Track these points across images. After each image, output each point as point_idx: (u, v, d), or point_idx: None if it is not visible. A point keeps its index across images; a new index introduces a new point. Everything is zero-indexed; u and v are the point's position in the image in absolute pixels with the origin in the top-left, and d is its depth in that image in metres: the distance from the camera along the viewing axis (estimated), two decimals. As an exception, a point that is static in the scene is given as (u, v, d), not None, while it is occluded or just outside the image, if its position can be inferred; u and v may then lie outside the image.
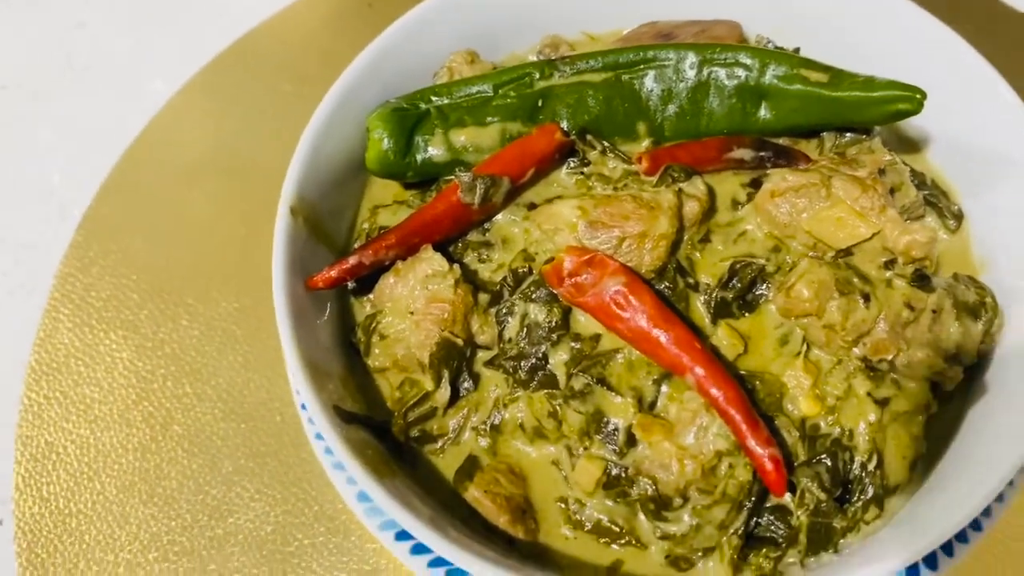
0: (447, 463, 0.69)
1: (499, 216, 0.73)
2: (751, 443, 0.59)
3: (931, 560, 0.76)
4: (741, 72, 0.74)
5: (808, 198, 0.67)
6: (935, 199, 0.74)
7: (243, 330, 1.00)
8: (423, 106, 0.75)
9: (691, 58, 0.75)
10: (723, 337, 0.67)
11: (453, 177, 0.73)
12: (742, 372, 0.66)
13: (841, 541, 0.63)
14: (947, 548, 0.77)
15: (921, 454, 0.66)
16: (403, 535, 0.79)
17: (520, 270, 0.70)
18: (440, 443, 0.69)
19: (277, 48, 1.23)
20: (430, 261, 0.68)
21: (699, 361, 0.61)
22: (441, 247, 0.71)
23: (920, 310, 0.64)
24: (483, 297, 0.70)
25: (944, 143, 0.78)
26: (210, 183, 1.11)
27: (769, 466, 0.58)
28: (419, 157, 0.75)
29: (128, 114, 1.16)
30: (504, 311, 0.69)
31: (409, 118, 0.75)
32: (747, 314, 0.68)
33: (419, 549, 0.79)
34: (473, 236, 0.73)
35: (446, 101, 0.76)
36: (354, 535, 0.88)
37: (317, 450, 0.84)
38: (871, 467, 0.63)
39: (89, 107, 1.21)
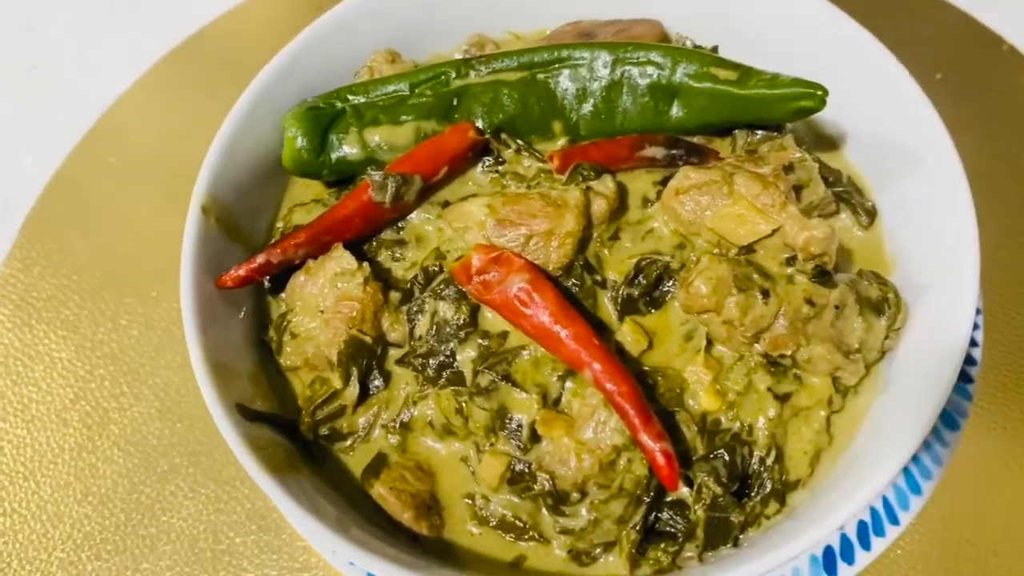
0: (356, 461, 0.69)
1: (413, 215, 0.73)
2: (643, 437, 0.59)
3: (848, 554, 0.77)
4: (653, 71, 0.75)
5: (711, 195, 0.67)
6: (848, 196, 0.75)
7: (181, 331, 0.99)
8: (339, 105, 0.76)
9: (604, 57, 0.75)
10: (628, 333, 0.67)
11: (367, 175, 0.73)
12: (646, 368, 0.66)
13: (741, 536, 0.64)
14: (864, 542, 0.78)
15: (823, 449, 0.66)
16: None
17: (431, 268, 0.70)
18: (350, 441, 0.69)
19: (223, 49, 1.23)
20: (339, 259, 0.69)
21: (596, 357, 0.62)
22: (355, 246, 0.72)
23: (822, 306, 0.65)
24: (394, 295, 0.70)
25: (859, 141, 0.78)
26: (154, 184, 1.11)
27: (661, 460, 0.59)
28: (334, 156, 0.76)
29: (73, 115, 1.17)
30: (415, 309, 0.69)
31: (324, 117, 0.75)
32: (653, 311, 0.69)
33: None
34: (387, 235, 0.73)
35: (362, 100, 0.76)
36: (284, 533, 0.88)
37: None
38: (769, 462, 0.64)
39: (35, 108, 1.22)
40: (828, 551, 0.77)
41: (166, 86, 1.21)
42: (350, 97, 0.76)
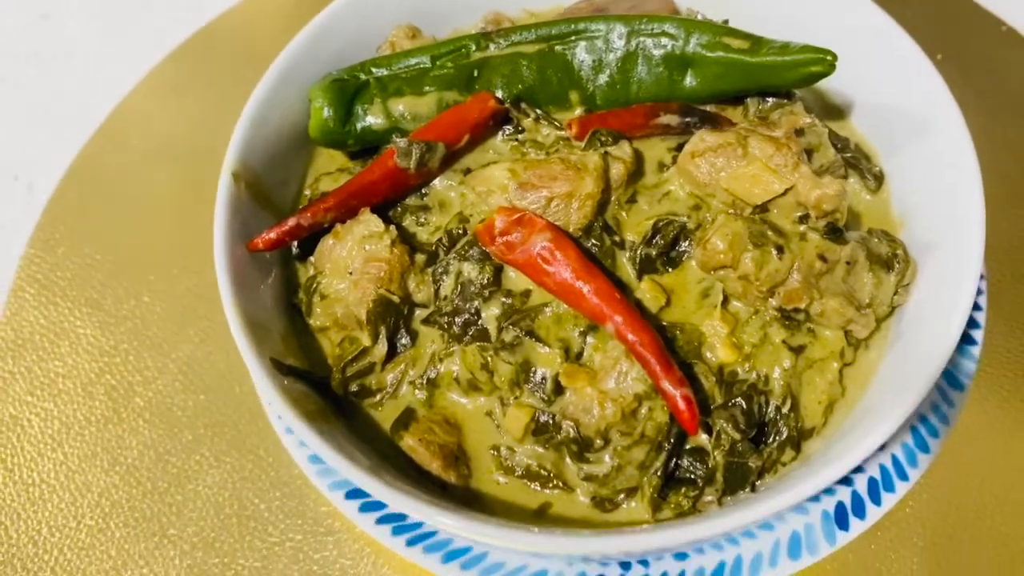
0: (385, 416, 0.72)
1: (436, 181, 0.76)
2: (664, 384, 0.62)
3: (859, 509, 0.80)
4: (667, 42, 0.77)
5: (726, 157, 0.70)
6: (856, 161, 0.78)
7: (203, 306, 1.03)
8: (363, 77, 0.78)
9: (619, 29, 0.78)
10: (646, 291, 0.70)
11: (392, 142, 0.75)
12: (664, 323, 0.69)
13: (758, 482, 0.66)
14: (875, 498, 0.80)
15: (837, 399, 0.69)
16: (352, 494, 0.83)
17: (455, 231, 0.73)
18: (378, 397, 0.72)
19: (240, 36, 1.26)
20: (367, 223, 0.71)
21: (618, 310, 0.64)
22: (380, 211, 0.74)
23: (834, 262, 0.67)
24: (420, 258, 0.73)
25: (865, 109, 0.81)
26: (173, 167, 1.14)
27: (682, 405, 0.61)
28: (359, 125, 0.78)
29: (94, 101, 1.20)
30: (440, 270, 0.72)
31: (349, 88, 0.78)
32: (671, 270, 0.71)
33: (367, 507, 0.82)
34: (411, 200, 0.76)
35: (385, 72, 0.79)
36: (308, 499, 0.90)
37: (271, 417, 0.87)
38: (785, 410, 0.66)
39: (56, 95, 1.25)
40: (840, 507, 0.80)
41: (183, 73, 1.24)
42: (374, 70, 0.79)
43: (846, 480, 0.81)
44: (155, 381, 0.98)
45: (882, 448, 0.82)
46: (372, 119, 0.78)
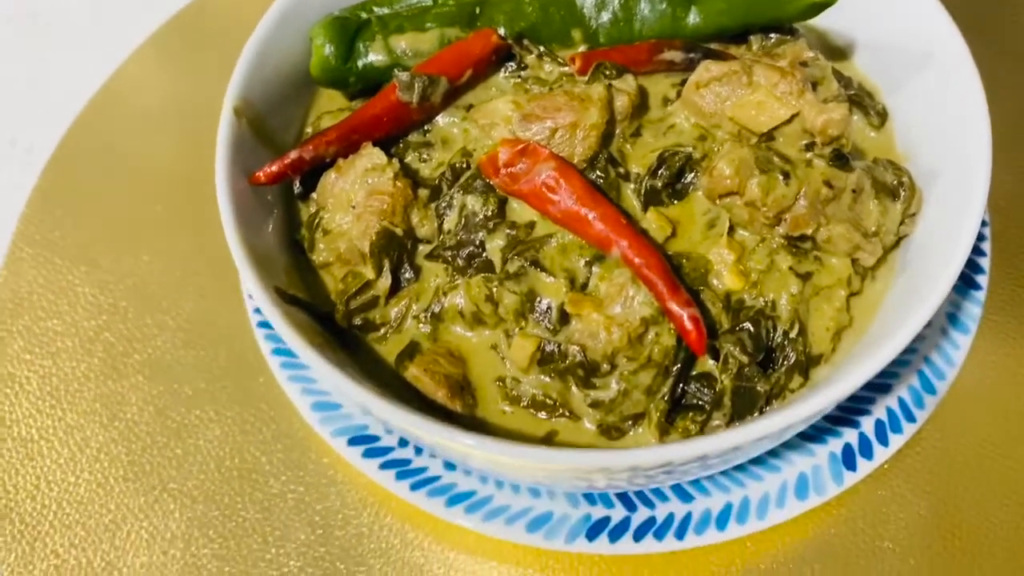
0: (389, 350, 0.71)
1: (439, 118, 0.76)
2: (671, 304, 0.61)
3: (867, 450, 0.79)
4: (671, -23, 0.77)
5: (731, 86, 0.70)
6: (859, 99, 0.78)
7: (203, 264, 1.02)
8: (364, 15, 0.79)
9: (625, -33, 0.78)
10: (652, 222, 0.70)
11: (394, 77, 0.75)
12: (670, 253, 0.69)
13: (767, 407, 0.66)
14: (882, 439, 0.80)
15: (845, 327, 0.69)
16: (356, 440, 0.82)
17: (459, 165, 0.73)
18: (382, 331, 0.71)
19: (235, 4, 1.25)
20: (369, 156, 0.71)
21: (624, 234, 0.64)
22: (383, 147, 0.74)
23: (840, 188, 0.67)
24: (423, 193, 0.73)
25: (867, 48, 0.81)
26: (169, 129, 1.14)
27: (689, 325, 0.61)
28: (360, 63, 0.78)
29: (91, 67, 1.19)
30: (443, 204, 0.72)
31: (350, 26, 0.77)
32: (676, 201, 0.71)
33: (371, 453, 0.82)
34: (414, 137, 0.76)
35: (387, 11, 0.79)
36: (310, 451, 0.90)
37: (273, 366, 0.87)
38: (793, 335, 0.66)
39: (53, 61, 1.24)
40: (847, 448, 0.80)
41: (181, 38, 1.23)
42: (375, 8, 0.79)
43: (853, 423, 0.81)
44: (155, 338, 0.98)
45: (888, 391, 0.82)
46: (374, 56, 0.78)
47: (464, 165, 0.73)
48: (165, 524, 0.87)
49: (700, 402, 0.65)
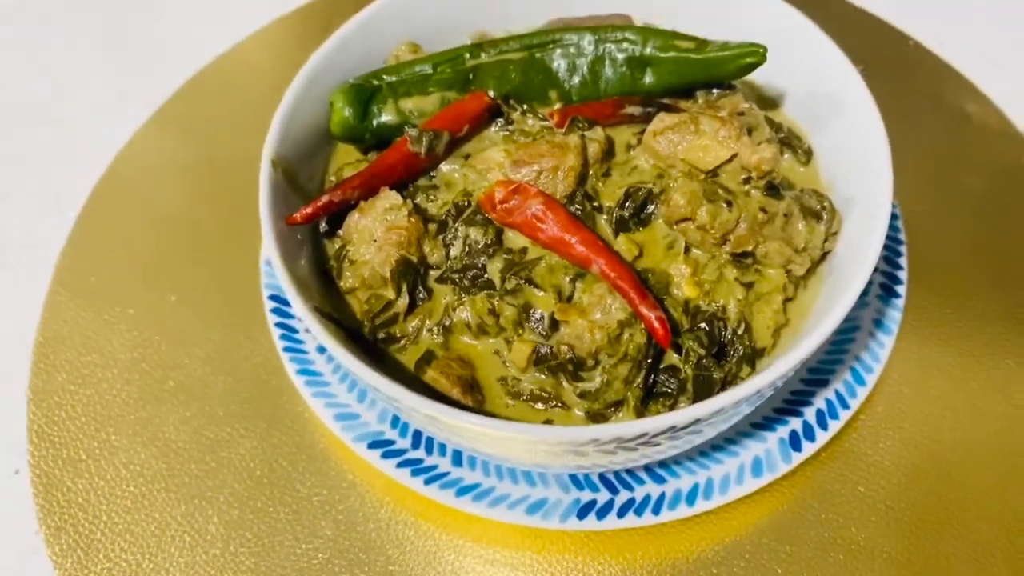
0: (408, 359, 0.84)
1: (442, 165, 0.90)
2: (642, 309, 0.76)
3: (810, 434, 0.94)
4: (628, 46, 0.93)
5: (681, 133, 0.85)
6: (789, 140, 0.93)
7: (224, 301, 1.14)
8: (376, 83, 0.93)
9: (589, 38, 0.94)
10: (622, 245, 0.84)
11: (404, 133, 0.89)
12: (638, 269, 0.83)
13: (721, 392, 0.80)
14: (823, 424, 0.95)
15: (782, 325, 0.83)
16: (375, 444, 0.95)
17: (461, 204, 0.87)
18: (402, 343, 0.85)
19: (247, 71, 1.40)
20: (387, 198, 0.85)
21: (600, 254, 0.79)
22: (397, 190, 0.88)
23: (773, 214, 0.82)
24: (432, 227, 0.87)
25: (793, 98, 0.97)
26: (189, 181, 1.27)
27: (656, 324, 0.75)
28: (375, 122, 0.92)
29: (115, 129, 1.32)
30: (450, 236, 0.86)
31: (365, 92, 0.92)
32: (641, 228, 0.86)
33: (388, 454, 0.94)
34: (422, 181, 0.90)
35: (395, 78, 0.93)
36: (331, 459, 1.02)
37: (298, 384, 0.99)
38: (740, 332, 0.80)
39: (76, 126, 1.38)
40: (793, 434, 0.94)
41: (196, 105, 1.37)
42: (384, 77, 0.93)
43: (798, 412, 0.95)
44: (186, 366, 1.10)
45: (826, 385, 0.97)
46: (386, 116, 0.92)
47: (465, 203, 0.87)
48: (205, 528, 0.98)
49: (668, 389, 0.79)
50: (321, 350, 1.01)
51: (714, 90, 0.93)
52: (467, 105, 0.91)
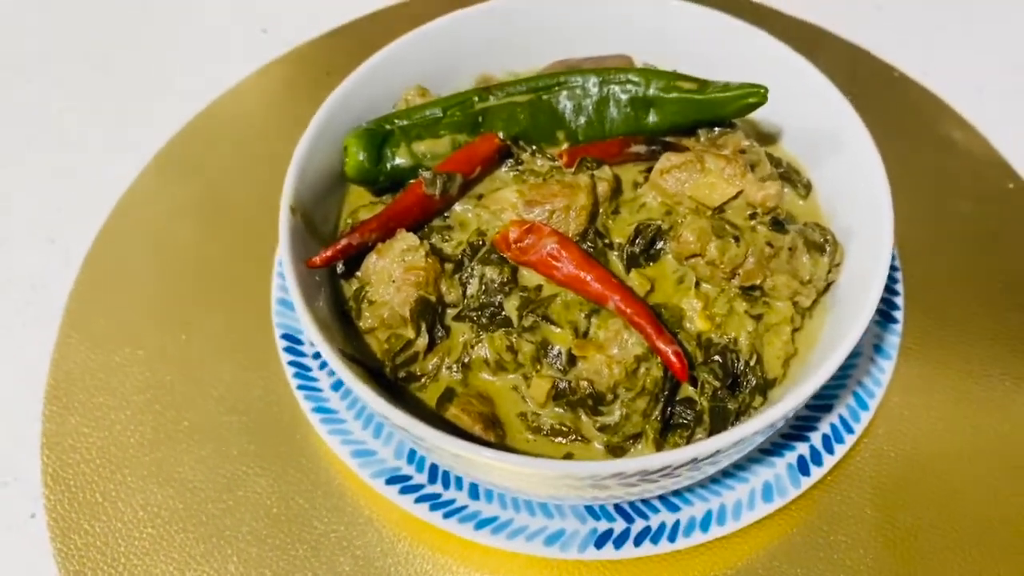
0: (428, 396, 0.86)
1: (456, 206, 0.93)
2: (659, 343, 0.78)
3: (817, 459, 0.96)
4: (632, 87, 0.96)
5: (688, 172, 0.88)
6: (788, 175, 0.96)
7: (235, 339, 1.16)
8: (388, 127, 0.95)
9: (593, 79, 0.97)
10: (634, 280, 0.87)
11: (418, 176, 0.92)
12: (651, 304, 0.86)
13: (736, 422, 0.82)
14: (829, 448, 0.97)
15: (791, 355, 0.86)
16: (392, 480, 0.97)
17: (476, 243, 0.89)
18: (422, 381, 0.87)
19: (247, 112, 1.42)
20: (404, 239, 0.87)
21: (615, 291, 0.81)
22: (412, 232, 0.90)
23: (779, 248, 0.86)
24: (448, 266, 0.89)
25: (792, 135, 1.00)
26: (192, 223, 1.28)
27: (673, 358, 0.78)
28: (388, 165, 0.95)
29: (119, 169, 1.34)
30: (466, 275, 0.88)
31: (378, 136, 0.94)
32: (652, 263, 0.88)
33: (406, 490, 0.96)
34: (436, 222, 0.92)
35: (406, 122, 0.96)
36: (347, 495, 1.03)
37: (313, 422, 1.01)
38: (752, 363, 0.83)
39: (81, 166, 1.39)
40: (801, 459, 0.97)
41: (198, 144, 1.39)
42: (396, 121, 0.96)
43: (804, 438, 0.98)
44: (199, 406, 1.11)
45: (830, 410, 1.00)
46: (399, 159, 0.95)
47: (480, 243, 0.89)
48: (224, 567, 0.99)
49: (685, 420, 0.82)
50: (336, 388, 1.03)
51: (716, 128, 0.96)
52: (478, 147, 0.94)
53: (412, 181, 0.94)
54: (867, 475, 1.02)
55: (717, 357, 0.83)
